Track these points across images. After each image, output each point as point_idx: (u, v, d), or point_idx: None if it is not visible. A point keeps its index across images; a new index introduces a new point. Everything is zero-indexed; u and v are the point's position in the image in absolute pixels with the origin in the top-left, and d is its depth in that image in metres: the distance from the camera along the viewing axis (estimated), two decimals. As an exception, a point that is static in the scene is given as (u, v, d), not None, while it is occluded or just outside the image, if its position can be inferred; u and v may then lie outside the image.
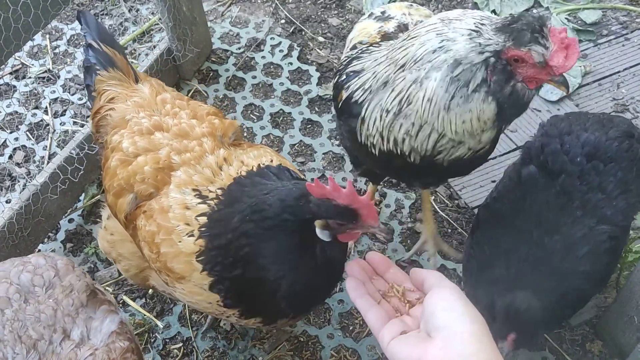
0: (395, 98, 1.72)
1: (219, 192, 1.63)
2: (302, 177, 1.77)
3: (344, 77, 1.92)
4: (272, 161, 1.73)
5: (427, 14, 2.12)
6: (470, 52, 1.58)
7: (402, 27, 1.99)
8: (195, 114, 1.83)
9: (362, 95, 1.83)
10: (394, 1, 2.95)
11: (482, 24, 1.61)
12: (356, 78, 1.86)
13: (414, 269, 1.28)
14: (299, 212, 1.43)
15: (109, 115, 1.91)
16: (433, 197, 2.67)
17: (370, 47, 1.96)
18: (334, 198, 1.40)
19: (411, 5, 2.18)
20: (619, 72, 3.12)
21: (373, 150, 1.86)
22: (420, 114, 1.68)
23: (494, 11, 3.36)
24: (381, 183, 2.69)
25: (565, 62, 1.52)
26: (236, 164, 1.70)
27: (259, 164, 1.70)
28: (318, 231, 1.46)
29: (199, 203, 1.62)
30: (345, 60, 2.00)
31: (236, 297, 1.61)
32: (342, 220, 1.42)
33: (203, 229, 1.59)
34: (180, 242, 1.61)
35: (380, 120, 1.77)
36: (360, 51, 1.97)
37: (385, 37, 1.98)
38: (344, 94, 1.89)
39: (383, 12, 2.16)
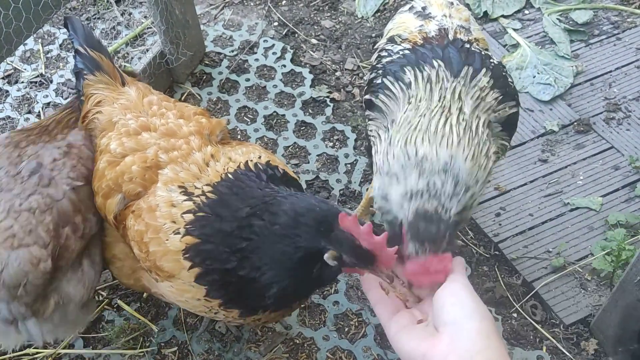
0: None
1: (205, 188, 1.62)
2: (293, 174, 1.78)
3: (380, 81, 1.90)
4: (260, 157, 1.73)
5: (467, 17, 2.10)
6: (396, 205, 1.56)
7: (443, 32, 1.96)
8: (182, 114, 1.84)
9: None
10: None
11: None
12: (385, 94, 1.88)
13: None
14: (315, 237, 1.40)
15: (96, 118, 1.92)
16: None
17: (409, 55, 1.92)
18: (362, 240, 1.36)
19: (451, 4, 2.14)
20: (610, 71, 3.14)
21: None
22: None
23: (485, 12, 3.37)
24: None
25: (412, 276, 1.43)
26: (223, 160, 1.70)
27: (247, 160, 1.69)
28: (326, 256, 1.42)
29: (185, 200, 1.62)
30: (385, 55, 1.97)
31: (222, 289, 1.59)
32: (358, 260, 1.38)
33: (189, 226, 1.58)
34: (167, 240, 1.61)
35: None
36: (400, 55, 1.94)
37: (427, 40, 1.95)
38: (372, 97, 1.92)
39: (424, 8, 2.13)
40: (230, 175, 1.64)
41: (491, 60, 1.91)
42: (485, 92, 1.79)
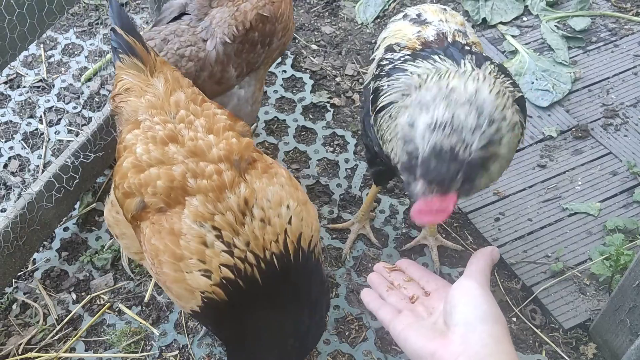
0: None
1: (250, 256, 1.57)
2: (315, 218, 1.75)
3: (385, 86, 1.91)
4: (288, 207, 1.64)
5: (461, 21, 2.11)
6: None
7: (442, 36, 1.97)
8: (211, 127, 1.75)
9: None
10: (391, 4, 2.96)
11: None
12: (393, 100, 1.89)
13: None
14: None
15: (122, 107, 1.89)
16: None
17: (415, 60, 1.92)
18: None
19: (445, 9, 2.17)
20: (608, 78, 3.17)
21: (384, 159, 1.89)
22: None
23: (484, 19, 3.40)
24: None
25: (418, 215, 1.47)
26: (257, 213, 1.60)
27: (285, 238, 1.62)
28: None
29: (224, 251, 1.57)
30: (386, 63, 1.98)
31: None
32: None
33: (224, 281, 1.57)
34: (188, 272, 1.58)
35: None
36: (402, 60, 1.94)
37: (426, 44, 1.96)
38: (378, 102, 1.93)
39: (419, 15, 2.13)
40: (275, 260, 1.60)
41: (493, 61, 1.93)
42: (495, 74, 1.79)
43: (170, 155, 1.68)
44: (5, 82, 3.15)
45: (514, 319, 2.39)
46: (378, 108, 1.91)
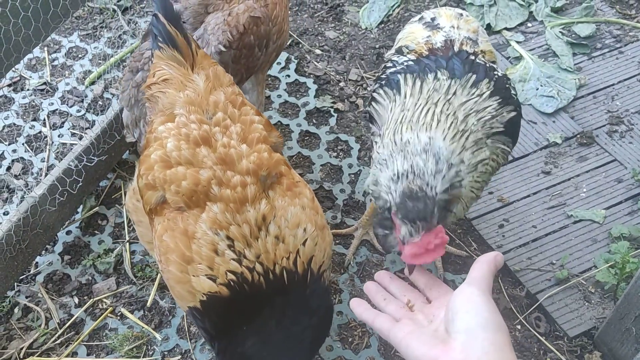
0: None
1: (258, 267, 1.57)
2: (330, 241, 1.74)
3: (381, 91, 1.95)
4: (305, 230, 1.64)
5: (475, 28, 2.11)
6: (384, 183, 1.66)
7: (449, 44, 1.98)
8: (246, 136, 1.74)
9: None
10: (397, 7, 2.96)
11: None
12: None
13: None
14: None
15: (159, 97, 1.86)
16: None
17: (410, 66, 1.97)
18: None
19: (461, 15, 2.15)
20: (613, 84, 3.16)
21: None
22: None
23: (489, 25, 3.40)
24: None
25: (412, 258, 1.49)
26: (272, 230, 1.60)
27: (296, 258, 1.61)
28: None
29: (233, 259, 1.57)
30: (390, 66, 2.02)
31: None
32: None
33: (232, 284, 1.57)
34: (195, 276, 1.58)
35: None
36: (405, 66, 1.96)
37: (432, 51, 1.97)
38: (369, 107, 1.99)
39: (433, 19, 2.14)
40: (285, 274, 1.60)
41: (495, 72, 1.93)
42: (485, 96, 1.81)
43: (200, 158, 1.67)
44: (9, 85, 3.15)
45: (519, 327, 2.37)
46: None
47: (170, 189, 1.66)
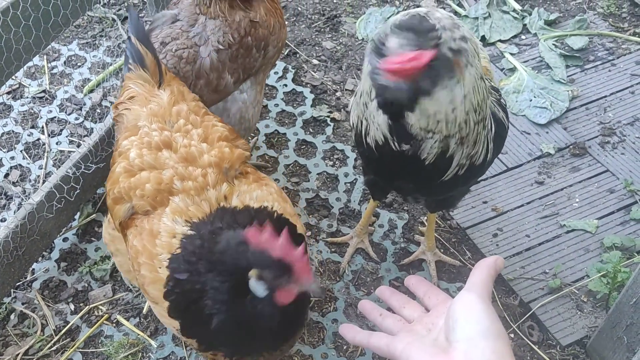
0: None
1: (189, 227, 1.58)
2: (301, 228, 1.70)
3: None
4: (272, 208, 1.66)
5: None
6: (388, 24, 1.62)
7: None
8: (207, 136, 1.79)
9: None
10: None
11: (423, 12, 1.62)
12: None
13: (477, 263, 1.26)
14: (236, 258, 1.41)
15: (124, 115, 1.90)
16: (426, 218, 2.71)
17: None
18: (268, 248, 1.36)
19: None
20: (605, 96, 3.20)
21: (362, 140, 1.91)
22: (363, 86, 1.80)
23: (483, 37, 3.44)
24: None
25: (385, 65, 1.48)
26: (235, 203, 1.65)
27: (260, 207, 1.64)
28: (253, 282, 1.41)
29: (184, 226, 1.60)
30: None
31: (181, 316, 1.59)
32: (275, 272, 1.37)
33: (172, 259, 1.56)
34: (160, 268, 1.59)
35: (360, 103, 1.87)
36: None
37: None
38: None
39: None
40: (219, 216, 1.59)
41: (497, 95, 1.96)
42: None
43: (162, 160, 1.72)
44: (8, 93, 3.17)
45: (512, 335, 2.39)
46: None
47: (135, 195, 1.69)
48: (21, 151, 2.92)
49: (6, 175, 2.83)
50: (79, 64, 3.31)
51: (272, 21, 2.38)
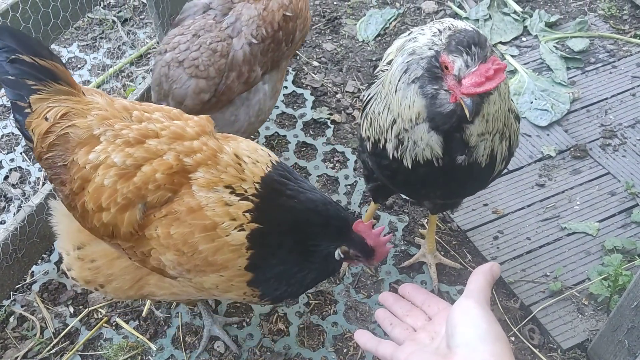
0: (379, 84, 1.85)
1: (257, 186, 1.73)
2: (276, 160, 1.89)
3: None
4: (270, 155, 1.86)
5: None
6: (425, 46, 1.68)
7: None
8: (169, 114, 1.83)
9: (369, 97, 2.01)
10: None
11: (451, 27, 1.69)
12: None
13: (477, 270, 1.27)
14: (337, 235, 1.74)
15: (68, 133, 1.72)
16: (427, 220, 2.71)
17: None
18: (369, 238, 1.72)
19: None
20: (606, 98, 3.20)
21: (367, 145, 1.94)
22: (383, 93, 1.82)
23: (484, 38, 3.44)
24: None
25: (474, 87, 1.49)
26: (247, 160, 1.77)
27: (270, 160, 1.83)
28: (337, 252, 1.75)
29: (241, 199, 1.69)
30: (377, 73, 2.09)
31: (264, 276, 1.78)
32: (362, 255, 1.75)
33: (252, 222, 1.70)
34: (228, 235, 1.67)
35: (370, 108, 1.91)
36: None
37: None
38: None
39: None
40: (272, 172, 1.78)
41: None
42: None
43: (154, 148, 1.71)
44: (8, 94, 3.16)
45: (512, 339, 2.38)
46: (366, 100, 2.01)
47: (149, 189, 1.67)
48: (21, 153, 2.92)
49: (6, 178, 2.83)
50: (79, 66, 3.31)
51: (301, 4, 2.42)
